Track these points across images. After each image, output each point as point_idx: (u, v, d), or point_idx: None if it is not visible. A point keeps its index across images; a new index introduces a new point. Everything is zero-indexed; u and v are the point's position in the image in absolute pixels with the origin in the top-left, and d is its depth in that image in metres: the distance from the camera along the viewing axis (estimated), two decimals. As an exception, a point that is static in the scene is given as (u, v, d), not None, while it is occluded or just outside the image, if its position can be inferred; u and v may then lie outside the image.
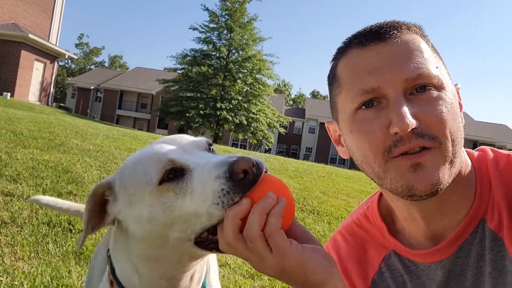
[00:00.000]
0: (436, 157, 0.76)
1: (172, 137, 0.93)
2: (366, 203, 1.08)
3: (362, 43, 0.83)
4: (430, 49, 0.84)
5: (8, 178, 3.94)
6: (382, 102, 0.80)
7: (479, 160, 0.90)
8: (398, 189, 0.79)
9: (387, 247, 0.97)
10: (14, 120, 7.48)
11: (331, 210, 5.22)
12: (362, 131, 0.82)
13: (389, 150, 0.78)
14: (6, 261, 2.44)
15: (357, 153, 0.86)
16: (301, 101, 66.56)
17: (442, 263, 0.86)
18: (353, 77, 0.83)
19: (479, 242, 0.83)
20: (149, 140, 8.92)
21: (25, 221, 3.08)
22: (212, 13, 27.71)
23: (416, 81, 0.78)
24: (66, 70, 56.95)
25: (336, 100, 0.90)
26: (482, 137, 37.73)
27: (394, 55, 0.80)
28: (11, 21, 19.71)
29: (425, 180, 0.76)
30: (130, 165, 0.88)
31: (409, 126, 0.74)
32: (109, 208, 0.90)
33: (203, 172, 0.78)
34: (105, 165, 5.23)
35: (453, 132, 0.78)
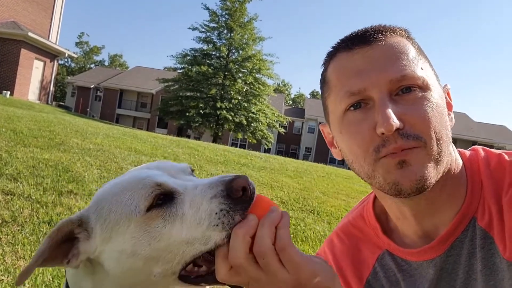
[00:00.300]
0: (421, 155, 0.78)
1: (153, 164, 0.87)
2: (362, 203, 1.10)
3: (348, 47, 0.86)
4: (416, 51, 0.86)
5: (8, 177, 3.94)
6: (369, 104, 0.82)
7: (470, 159, 0.92)
8: (386, 187, 0.81)
9: (381, 247, 0.98)
10: (14, 119, 7.47)
11: (331, 210, 5.23)
12: (351, 132, 0.84)
13: (377, 150, 0.80)
14: (7, 260, 2.44)
15: (348, 154, 0.88)
16: (301, 101, 66.61)
17: (434, 261, 0.88)
18: (340, 80, 0.86)
19: (470, 240, 0.84)
20: (149, 139, 8.93)
21: (25, 220, 3.08)
22: (212, 12, 27.73)
23: (401, 82, 0.80)
24: (66, 69, 56.92)
25: (327, 103, 0.92)
26: (481, 138, 37.78)
27: (379, 57, 0.82)
28: (10, 19, 19.68)
29: (410, 177, 0.78)
30: (109, 194, 0.78)
31: (393, 126, 0.76)
32: (81, 247, 0.78)
33: (194, 194, 0.74)
34: (105, 164, 5.24)
35: (438, 131, 0.79)
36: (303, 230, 4.14)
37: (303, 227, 4.26)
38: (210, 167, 6.62)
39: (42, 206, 3.40)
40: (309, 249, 3.59)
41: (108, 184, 0.83)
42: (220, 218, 0.70)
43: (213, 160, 7.46)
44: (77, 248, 0.78)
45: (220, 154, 8.58)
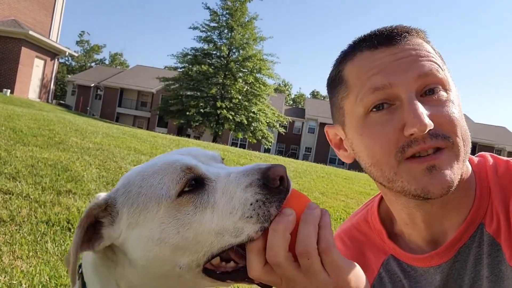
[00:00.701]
0: (449, 156, 0.78)
1: (185, 150, 0.82)
2: (366, 206, 1.08)
3: (373, 46, 0.84)
4: (436, 54, 0.86)
5: (7, 176, 3.93)
6: (395, 104, 0.80)
7: (479, 165, 0.91)
8: (412, 192, 0.79)
9: (386, 252, 0.97)
10: (14, 117, 7.47)
11: (330, 211, 5.22)
12: (374, 134, 0.82)
13: (402, 151, 0.78)
14: (5, 260, 2.44)
15: (366, 156, 0.86)
16: (301, 101, 66.60)
17: (441, 267, 0.87)
18: (362, 78, 0.83)
19: (478, 246, 0.84)
20: (149, 138, 8.92)
21: (24, 220, 3.08)
22: (213, 12, 27.74)
23: (428, 78, 0.79)
24: (66, 68, 56.92)
25: (343, 104, 0.89)
26: (481, 139, 37.75)
27: (406, 56, 0.81)
28: (11, 17, 19.69)
29: (441, 183, 0.76)
30: (138, 177, 0.74)
31: (427, 127, 0.75)
32: (105, 232, 0.74)
33: (228, 181, 0.69)
34: (104, 164, 5.23)
35: (463, 132, 0.79)
36: (301, 231, 4.14)
37: (301, 228, 4.26)
38: (209, 167, 6.62)
39: (41, 205, 3.40)
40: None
41: (137, 167, 0.79)
42: (255, 209, 0.65)
43: (212, 160, 7.46)
44: (100, 233, 0.74)
45: (220, 154, 8.58)
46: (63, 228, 3.06)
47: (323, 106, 41.65)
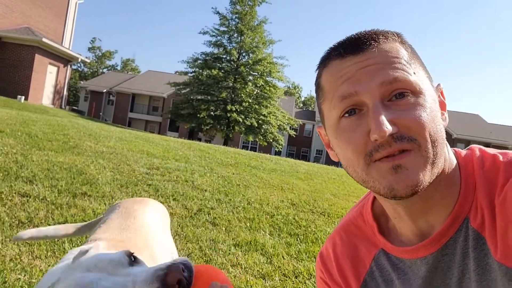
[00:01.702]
0: (416, 158, 0.79)
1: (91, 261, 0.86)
2: (363, 200, 1.11)
3: (340, 55, 0.87)
4: (408, 56, 0.86)
5: (24, 180, 4.03)
6: (363, 109, 0.84)
7: (465, 159, 0.92)
8: (380, 191, 0.83)
9: (377, 246, 1.00)
10: (29, 123, 7.62)
11: (342, 212, 5.22)
12: (345, 138, 0.86)
13: (370, 154, 0.81)
14: (24, 260, 2.50)
15: (342, 158, 0.90)
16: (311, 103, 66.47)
17: (427, 259, 0.89)
18: (333, 87, 0.87)
19: (464, 240, 0.85)
20: (161, 142, 9.02)
21: (41, 221, 3.15)
22: (222, 16, 27.88)
23: (393, 86, 0.81)
24: (79, 74, 57.67)
25: (322, 108, 0.94)
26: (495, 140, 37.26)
27: (371, 63, 0.83)
28: (25, 25, 20.07)
29: (405, 182, 0.78)
30: None
31: (386, 132, 0.77)
32: None
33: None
34: (118, 167, 5.31)
35: (432, 134, 0.80)
36: (313, 232, 4.15)
37: (313, 228, 4.27)
38: (221, 169, 6.67)
39: (57, 207, 3.48)
40: (319, 250, 3.60)
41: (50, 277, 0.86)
42: None
43: (223, 163, 7.50)
44: None
45: (231, 156, 8.63)
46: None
47: (333, 109, 41.43)
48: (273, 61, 27.43)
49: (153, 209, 1.57)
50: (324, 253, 1.13)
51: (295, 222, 4.37)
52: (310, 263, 3.28)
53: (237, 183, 5.75)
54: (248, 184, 5.85)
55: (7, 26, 19.36)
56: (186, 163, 6.62)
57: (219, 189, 5.22)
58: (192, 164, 6.69)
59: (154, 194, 4.45)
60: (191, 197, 4.57)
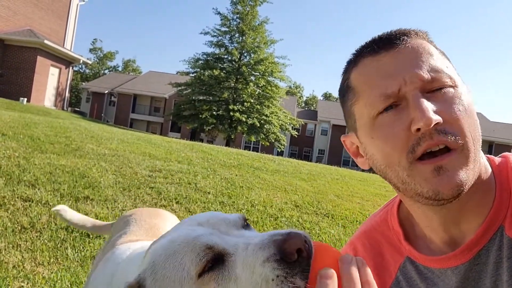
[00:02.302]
0: (458, 158, 0.77)
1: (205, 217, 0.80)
2: (386, 207, 1.08)
3: (374, 51, 0.85)
4: (439, 53, 0.86)
5: (26, 184, 4.01)
6: (401, 104, 0.81)
7: (500, 166, 0.89)
8: (424, 194, 0.79)
9: (402, 254, 0.97)
10: (31, 125, 7.61)
11: (346, 213, 5.19)
12: (384, 135, 0.82)
13: (412, 151, 0.78)
14: (27, 267, 2.48)
15: (379, 159, 0.86)
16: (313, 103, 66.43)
17: (458, 269, 0.86)
18: (369, 84, 0.85)
19: (498, 249, 0.82)
20: (163, 143, 9.00)
21: (44, 226, 3.13)
22: (223, 16, 27.88)
23: (430, 78, 0.80)
24: (80, 75, 57.78)
25: (353, 110, 0.90)
26: (498, 138, 37.14)
27: (407, 58, 0.82)
28: (27, 27, 20.11)
29: (449, 183, 0.76)
30: (162, 257, 0.75)
31: (432, 120, 0.74)
32: None
33: (245, 256, 0.68)
34: (120, 169, 5.29)
35: (472, 130, 0.79)
36: (317, 234, 4.12)
37: (317, 231, 4.24)
38: (223, 171, 6.64)
39: (60, 212, 3.46)
40: (324, 253, 3.57)
41: (162, 241, 0.79)
42: (278, 285, 0.62)
43: (226, 164, 7.48)
44: None
45: (234, 157, 8.60)
46: (82, 234, 3.10)
47: (335, 108, 41.43)
48: (274, 61, 27.41)
49: (170, 223, 1.55)
50: None
51: (299, 225, 4.34)
52: (315, 267, 3.25)
53: (240, 185, 5.73)
54: (251, 185, 5.83)
55: (10, 28, 19.41)
56: (189, 165, 6.60)
57: (222, 191, 5.19)
58: (194, 166, 6.66)
59: (156, 197, 4.43)
60: (194, 200, 4.55)
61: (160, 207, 4.14)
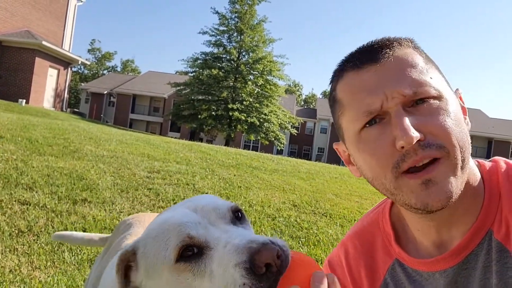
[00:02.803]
0: (446, 167, 0.77)
1: (200, 201, 0.84)
2: (378, 207, 1.08)
3: (357, 66, 0.86)
4: (424, 61, 0.85)
5: (24, 187, 4.01)
6: (385, 118, 0.82)
7: (490, 171, 0.90)
8: (412, 206, 0.80)
9: (392, 256, 0.97)
10: (29, 127, 7.61)
11: (344, 212, 5.20)
12: (369, 150, 0.83)
13: (397, 165, 0.79)
14: (23, 271, 2.49)
15: (367, 171, 0.87)
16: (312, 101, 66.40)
17: (447, 272, 0.87)
18: (353, 99, 0.85)
19: (486, 253, 0.83)
20: (162, 144, 9.00)
21: (41, 230, 3.14)
22: (222, 16, 27.85)
23: (413, 92, 0.80)
24: (79, 76, 57.75)
25: (340, 121, 0.92)
26: (497, 134, 37.13)
27: (389, 73, 0.82)
28: (25, 28, 20.09)
29: (439, 196, 0.76)
30: (154, 233, 0.80)
31: (413, 139, 0.75)
32: (132, 275, 0.83)
33: (223, 253, 0.70)
34: (118, 171, 5.30)
35: (459, 139, 0.78)
36: (315, 234, 4.12)
37: (315, 230, 4.25)
38: (222, 171, 6.65)
39: (57, 215, 3.46)
40: (321, 253, 3.58)
41: (158, 219, 0.84)
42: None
43: (225, 164, 7.48)
44: (129, 276, 0.83)
45: (232, 157, 8.60)
46: (80, 237, 3.10)
47: (335, 106, 41.35)
48: (273, 59, 27.39)
49: None
50: (334, 261, 1.10)
51: (297, 224, 4.35)
52: (312, 267, 3.25)
53: (239, 185, 5.73)
54: (249, 185, 5.83)
55: (8, 30, 19.39)
56: (187, 166, 6.60)
57: (220, 191, 5.20)
58: (193, 166, 6.67)
59: (154, 198, 4.44)
60: (192, 201, 4.55)
61: (158, 209, 4.15)
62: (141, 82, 42.92)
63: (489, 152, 36.18)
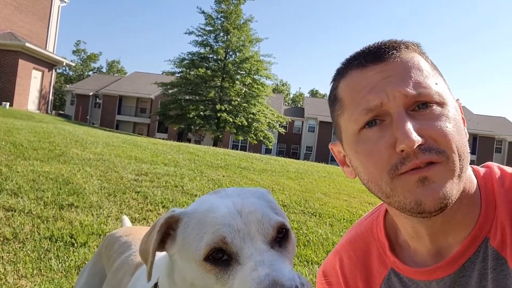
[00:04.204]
0: (443, 171, 0.76)
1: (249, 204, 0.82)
2: (372, 214, 1.07)
3: (361, 65, 0.84)
4: (430, 66, 0.85)
5: (9, 192, 3.94)
6: (385, 120, 0.81)
7: (485, 178, 0.90)
8: (406, 206, 0.79)
9: (387, 265, 0.96)
10: (13, 131, 7.48)
11: (333, 211, 5.21)
12: (367, 151, 0.82)
13: (395, 168, 0.78)
14: (9, 280, 2.43)
15: (363, 173, 0.86)
16: (300, 100, 66.58)
17: (444, 281, 0.86)
18: (354, 98, 0.84)
19: (482, 261, 0.83)
20: (149, 146, 8.92)
21: (27, 237, 3.08)
22: (208, 15, 27.76)
23: (417, 95, 0.79)
24: (64, 77, 56.97)
25: (339, 121, 0.90)
26: (482, 131, 37.70)
27: (394, 73, 0.81)
28: (7, 30, 19.72)
29: (433, 195, 0.75)
30: (197, 215, 0.81)
31: (415, 142, 0.74)
32: (168, 243, 0.85)
33: (247, 277, 0.71)
34: (105, 174, 5.23)
35: (459, 147, 0.78)
36: (305, 234, 4.13)
37: (305, 230, 4.25)
38: (210, 172, 6.62)
39: (43, 221, 3.40)
40: (311, 253, 3.58)
41: (209, 200, 0.85)
42: None
43: (213, 165, 7.45)
44: (166, 243, 0.85)
45: (221, 158, 8.57)
46: (67, 243, 3.06)
47: (322, 105, 41.64)
48: (260, 59, 27.42)
49: None
50: (328, 271, 1.09)
51: (287, 225, 4.35)
52: (302, 268, 3.25)
53: (228, 186, 5.71)
54: (238, 186, 5.80)
55: (-11, 32, 19.03)
56: (175, 167, 6.55)
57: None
58: (181, 168, 6.62)
59: (143, 201, 4.39)
60: (181, 203, 4.52)
61: (146, 212, 4.11)
62: (127, 83, 42.54)
63: (474, 148, 36.70)
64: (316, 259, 3.45)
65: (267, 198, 0.89)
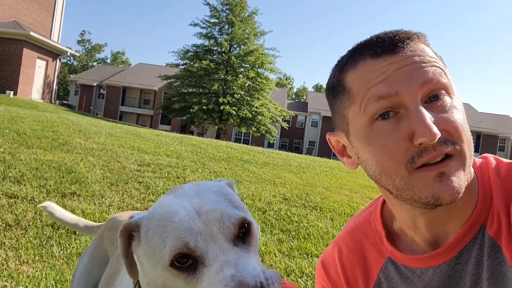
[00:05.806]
0: (457, 164, 0.78)
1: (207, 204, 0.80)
2: (370, 207, 1.08)
3: (376, 54, 0.82)
4: (438, 58, 0.85)
5: (12, 180, 3.96)
6: (400, 112, 0.80)
7: (481, 167, 0.91)
8: (422, 200, 0.79)
9: (384, 255, 0.97)
10: (17, 120, 7.51)
11: (334, 206, 5.22)
12: (381, 144, 0.81)
13: (412, 161, 0.78)
14: (11, 265, 2.46)
15: (375, 165, 0.84)
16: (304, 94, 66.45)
17: (440, 268, 0.87)
18: (366, 87, 0.82)
19: (478, 248, 0.84)
20: (152, 137, 8.94)
21: (29, 223, 3.10)
22: (213, 8, 27.67)
23: (432, 86, 0.79)
24: (68, 67, 57.02)
25: (346, 112, 0.88)
26: (485, 129, 37.55)
27: (409, 63, 0.80)
28: (12, 19, 19.71)
29: (451, 189, 0.77)
30: (156, 219, 0.80)
31: (436, 136, 0.74)
32: (133, 246, 0.86)
33: (214, 278, 0.71)
34: (108, 164, 5.25)
35: (468, 138, 0.80)
36: (305, 227, 4.14)
37: (305, 224, 4.26)
38: (213, 164, 6.63)
39: (46, 208, 3.42)
40: (311, 246, 3.59)
41: (166, 201, 0.83)
42: None
43: (215, 157, 7.46)
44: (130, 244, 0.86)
45: (223, 151, 8.58)
46: (68, 231, 3.08)
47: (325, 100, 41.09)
48: (264, 52, 27.32)
49: None
50: (327, 261, 1.09)
51: (287, 218, 4.36)
52: (302, 260, 3.27)
53: (229, 179, 5.72)
54: (240, 179, 5.83)
55: (-6, 20, 19.03)
56: (178, 159, 6.57)
57: (211, 185, 5.18)
58: (183, 159, 6.64)
59: (145, 192, 4.41)
60: (182, 194, 4.53)
61: (148, 202, 4.13)
62: (131, 74, 42.53)
63: (478, 146, 36.60)
64: (316, 252, 3.47)
65: (226, 192, 0.87)
